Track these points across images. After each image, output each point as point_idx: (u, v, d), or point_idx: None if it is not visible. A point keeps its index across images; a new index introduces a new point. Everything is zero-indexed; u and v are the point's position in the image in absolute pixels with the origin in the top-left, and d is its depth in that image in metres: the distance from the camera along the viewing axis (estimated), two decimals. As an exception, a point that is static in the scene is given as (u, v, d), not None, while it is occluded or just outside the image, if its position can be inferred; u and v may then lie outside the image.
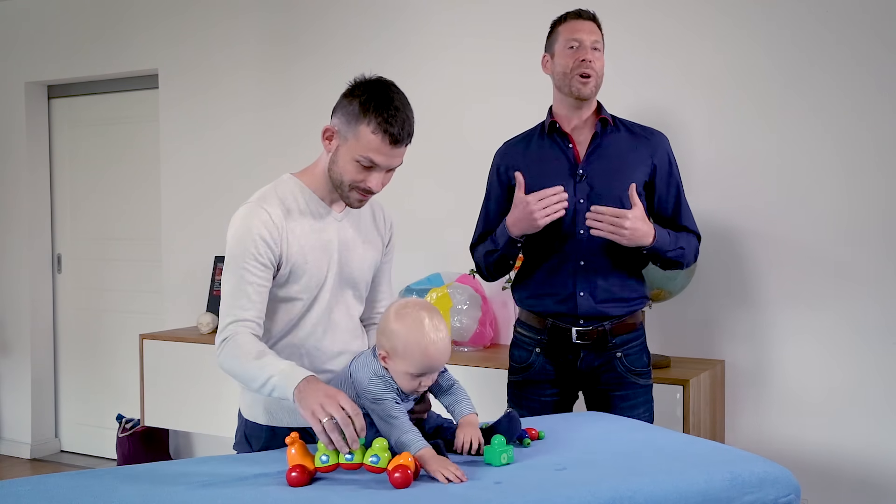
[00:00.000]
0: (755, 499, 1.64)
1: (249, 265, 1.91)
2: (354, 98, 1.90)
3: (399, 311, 1.76)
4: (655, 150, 2.44)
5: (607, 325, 2.39)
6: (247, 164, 4.23)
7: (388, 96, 1.89)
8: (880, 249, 2.95)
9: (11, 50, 4.97)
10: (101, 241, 4.92)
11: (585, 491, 1.54)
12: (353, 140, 1.90)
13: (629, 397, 2.42)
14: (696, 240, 2.49)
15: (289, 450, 1.65)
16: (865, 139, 2.97)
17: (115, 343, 4.85)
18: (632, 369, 2.42)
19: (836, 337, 3.02)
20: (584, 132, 2.45)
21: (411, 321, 1.73)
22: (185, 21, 4.41)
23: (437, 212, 3.61)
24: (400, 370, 1.74)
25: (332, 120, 1.97)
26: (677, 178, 2.47)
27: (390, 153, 1.90)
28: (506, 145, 2.57)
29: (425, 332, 1.72)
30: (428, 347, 1.72)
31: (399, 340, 1.72)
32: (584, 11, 2.43)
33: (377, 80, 1.93)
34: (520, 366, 2.50)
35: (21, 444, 4.98)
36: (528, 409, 2.45)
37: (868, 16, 2.95)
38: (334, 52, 4.00)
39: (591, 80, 2.38)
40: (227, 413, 3.32)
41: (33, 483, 1.65)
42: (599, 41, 2.41)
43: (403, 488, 1.58)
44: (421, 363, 1.72)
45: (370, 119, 1.87)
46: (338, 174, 1.95)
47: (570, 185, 2.39)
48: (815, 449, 3.04)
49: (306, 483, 1.63)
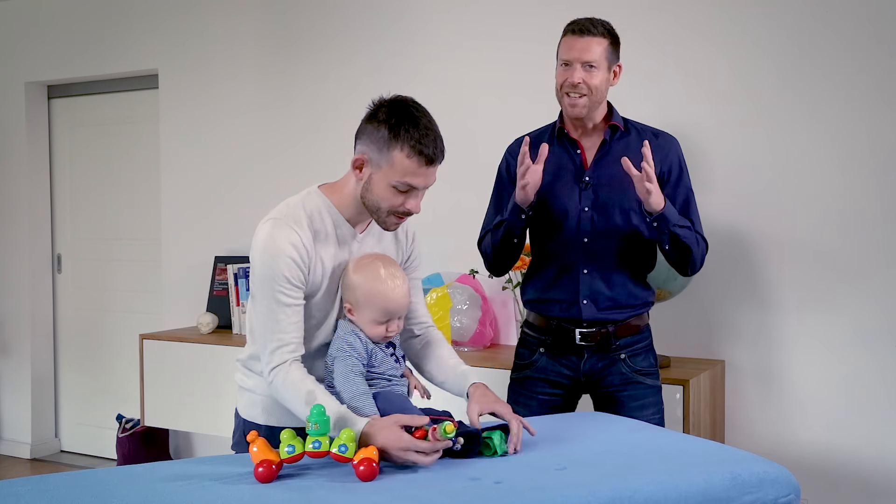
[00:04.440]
0: (755, 499, 1.64)
1: (284, 287, 1.88)
2: (381, 123, 1.85)
3: (356, 264, 1.92)
4: (665, 156, 2.40)
5: (611, 327, 2.39)
6: (247, 165, 4.24)
7: (415, 116, 1.85)
8: (881, 250, 2.95)
9: (11, 50, 4.97)
10: (101, 241, 4.92)
11: (585, 491, 1.54)
12: (388, 167, 1.86)
13: (637, 397, 2.41)
14: (705, 245, 2.45)
15: (251, 448, 1.66)
16: (867, 140, 2.97)
17: (115, 343, 4.85)
18: (637, 369, 2.42)
19: (836, 337, 3.01)
20: (594, 138, 2.42)
21: (369, 271, 1.89)
22: (185, 21, 4.41)
23: (437, 212, 3.60)
24: (366, 319, 1.89)
25: (358, 147, 1.91)
26: (687, 184, 2.43)
27: (426, 174, 1.87)
28: (516, 142, 2.52)
29: (382, 279, 1.88)
30: (387, 293, 1.87)
31: (360, 291, 1.89)
32: (580, 27, 2.33)
33: (399, 100, 1.89)
34: (523, 363, 2.51)
35: (21, 444, 4.98)
36: (526, 407, 2.45)
37: (870, 16, 2.95)
38: (334, 53, 4.00)
39: (579, 101, 2.32)
40: (226, 413, 3.31)
41: (33, 483, 1.65)
42: (597, 58, 2.31)
43: (368, 481, 1.60)
44: (383, 308, 1.88)
45: (402, 144, 1.83)
46: (374, 201, 1.90)
47: (576, 191, 2.38)
48: (815, 449, 3.04)
49: (275, 477, 1.64)
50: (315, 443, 1.65)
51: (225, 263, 4.17)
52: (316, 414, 1.66)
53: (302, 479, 1.65)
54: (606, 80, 2.36)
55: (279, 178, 4.10)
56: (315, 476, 1.67)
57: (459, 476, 1.64)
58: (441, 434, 1.67)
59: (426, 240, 3.76)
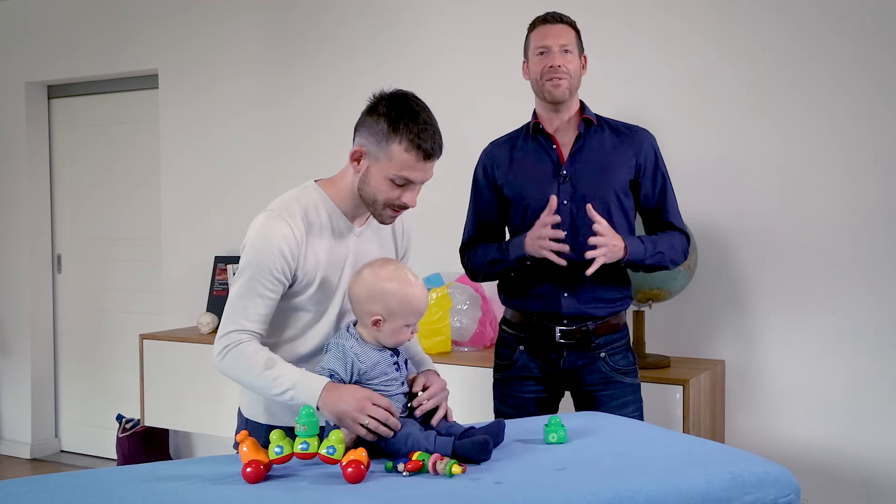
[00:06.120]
0: (755, 499, 1.64)
1: (264, 278, 1.90)
2: (380, 116, 1.87)
3: (380, 273, 1.86)
4: (640, 148, 2.45)
5: (591, 325, 2.41)
6: (247, 165, 4.24)
7: (415, 111, 1.87)
8: (881, 250, 2.95)
9: (11, 50, 4.97)
10: (101, 241, 4.92)
11: (585, 491, 1.54)
12: (386, 160, 1.87)
13: (617, 396, 2.44)
14: (684, 238, 2.48)
15: (240, 447, 1.66)
16: (866, 140, 2.97)
17: (115, 343, 4.85)
18: (616, 368, 2.44)
19: (836, 337, 3.01)
20: (568, 133, 2.46)
21: (399, 278, 1.86)
22: (185, 21, 4.41)
23: (437, 212, 3.60)
24: (398, 326, 1.85)
25: (356, 139, 1.93)
26: (663, 175, 2.47)
27: (424, 168, 1.89)
28: (491, 145, 2.59)
29: (412, 283, 1.87)
30: (418, 295, 1.86)
31: (395, 298, 1.83)
32: (551, 15, 2.44)
33: (399, 94, 1.90)
34: (504, 363, 2.53)
35: (21, 444, 4.98)
36: (513, 406, 2.48)
37: (868, 15, 2.95)
38: (334, 53, 4.00)
39: (562, 82, 2.39)
40: (227, 413, 3.32)
41: (33, 483, 1.65)
42: (571, 43, 2.41)
43: (356, 483, 1.60)
44: (415, 311, 1.86)
45: (401, 138, 1.85)
46: (371, 194, 1.92)
47: (554, 185, 2.41)
48: (815, 449, 3.04)
49: (263, 477, 1.64)
50: (303, 444, 1.65)
51: (225, 263, 4.18)
52: (305, 415, 1.66)
53: (291, 481, 1.65)
54: (579, 66, 2.45)
55: (279, 177, 4.10)
56: (302, 478, 1.67)
57: (459, 476, 1.64)
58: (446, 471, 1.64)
59: (427, 240, 3.77)
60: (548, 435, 1.87)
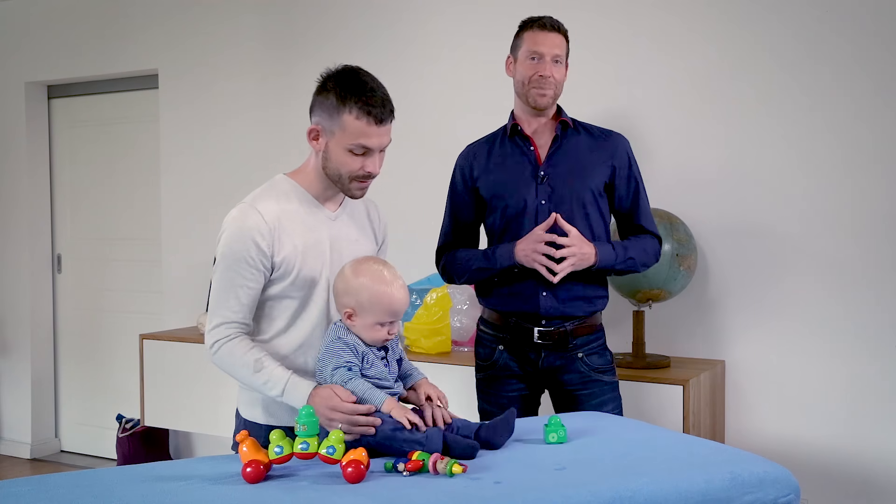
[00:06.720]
0: (755, 499, 1.64)
1: (240, 268, 1.94)
2: (329, 92, 1.94)
3: (356, 268, 1.90)
4: (615, 152, 2.48)
5: (568, 325, 2.42)
6: (247, 165, 4.23)
7: (361, 80, 1.94)
8: (881, 249, 2.95)
9: (11, 50, 4.97)
10: (101, 241, 4.92)
11: (585, 491, 1.54)
12: (340, 132, 1.93)
13: (596, 395, 2.46)
14: (656, 241, 2.52)
15: (240, 447, 1.66)
16: (866, 140, 2.97)
17: (115, 343, 4.85)
18: (595, 368, 2.46)
19: (836, 336, 3.01)
20: (545, 135, 2.49)
21: (372, 274, 1.87)
22: (185, 21, 4.41)
23: (437, 212, 3.60)
24: (368, 323, 1.86)
25: (312, 119, 2.00)
26: (637, 179, 2.51)
27: (379, 133, 1.93)
28: (468, 148, 2.61)
29: (387, 280, 1.87)
30: (392, 294, 1.86)
31: (365, 293, 1.85)
32: (549, 22, 2.45)
33: (344, 68, 1.98)
34: (485, 363, 2.54)
35: (21, 444, 4.98)
36: (496, 405, 2.49)
37: (868, 15, 2.95)
38: (334, 53, 3.99)
39: (548, 91, 2.42)
40: (226, 413, 3.31)
41: (33, 483, 1.65)
42: (562, 54, 2.44)
43: (356, 483, 1.60)
44: (389, 310, 1.86)
45: (350, 107, 1.91)
46: (334, 169, 1.97)
47: (532, 186, 2.43)
48: (815, 449, 3.04)
49: (263, 477, 1.64)
50: (303, 444, 1.65)
51: (225, 263, 4.17)
52: (304, 415, 1.66)
53: (291, 481, 1.65)
54: (564, 75, 2.48)
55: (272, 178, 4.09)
56: (302, 478, 1.67)
57: (459, 475, 1.64)
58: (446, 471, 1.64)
59: (427, 240, 3.77)
60: (548, 435, 1.87)
